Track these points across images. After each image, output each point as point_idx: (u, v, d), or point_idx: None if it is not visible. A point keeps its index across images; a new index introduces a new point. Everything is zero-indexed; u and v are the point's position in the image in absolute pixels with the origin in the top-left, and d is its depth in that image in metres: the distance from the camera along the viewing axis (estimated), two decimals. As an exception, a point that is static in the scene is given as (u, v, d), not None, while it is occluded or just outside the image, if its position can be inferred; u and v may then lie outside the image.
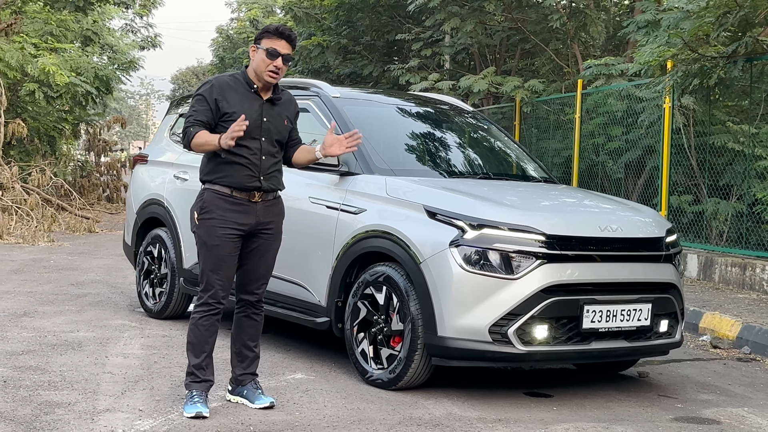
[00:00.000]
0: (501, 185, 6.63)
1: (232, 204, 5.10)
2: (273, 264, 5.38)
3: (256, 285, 5.31)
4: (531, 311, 5.44)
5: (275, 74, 5.10)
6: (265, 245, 5.25)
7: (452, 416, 5.28)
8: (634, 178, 13.74)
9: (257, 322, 5.37)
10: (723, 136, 11.58)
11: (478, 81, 16.30)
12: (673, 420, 5.48)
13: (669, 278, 6.01)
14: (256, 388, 5.29)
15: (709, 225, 11.71)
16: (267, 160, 5.13)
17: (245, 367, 5.33)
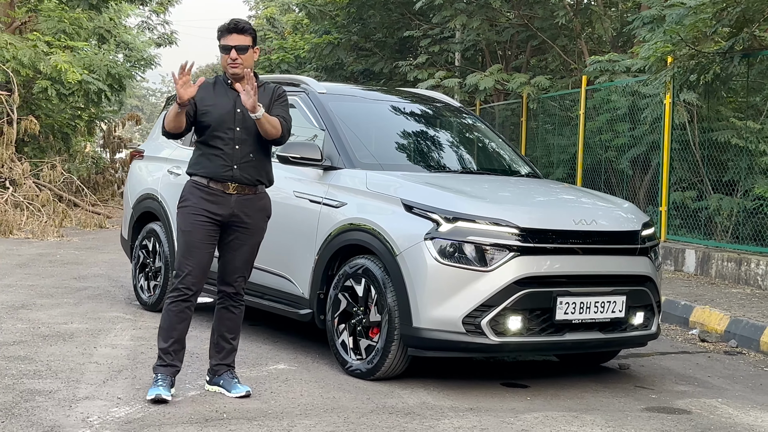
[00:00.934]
0: (481, 180, 6.74)
1: (208, 194, 5.27)
2: (251, 259, 5.46)
3: (233, 278, 5.41)
4: (504, 303, 5.55)
5: (235, 66, 5.28)
6: (241, 239, 5.35)
7: (425, 405, 5.39)
8: (641, 174, 13.78)
9: (236, 315, 5.48)
10: (726, 132, 11.61)
11: (484, 78, 16.37)
12: (644, 410, 5.57)
13: (644, 271, 6.09)
14: (233, 378, 5.40)
15: (713, 221, 11.75)
16: (241, 149, 5.25)
17: (221, 358, 5.45)
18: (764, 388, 6.39)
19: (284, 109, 5.43)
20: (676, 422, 5.31)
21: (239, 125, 5.30)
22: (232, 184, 5.28)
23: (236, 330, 5.52)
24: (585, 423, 5.19)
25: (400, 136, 7.11)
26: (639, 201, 13.67)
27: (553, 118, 16.65)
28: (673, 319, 8.87)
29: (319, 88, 7.02)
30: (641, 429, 5.13)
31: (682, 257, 11.33)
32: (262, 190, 5.45)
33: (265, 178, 5.45)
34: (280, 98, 5.45)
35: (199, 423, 4.79)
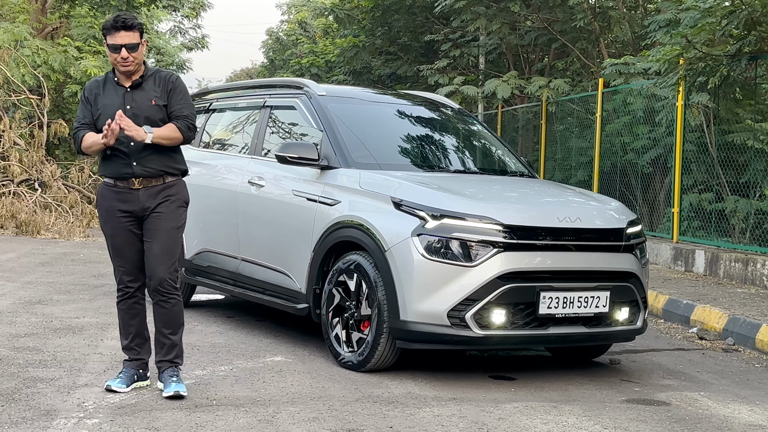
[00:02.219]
0: (472, 179, 6.94)
1: (116, 194, 5.30)
2: (168, 245, 5.33)
3: (153, 268, 5.31)
4: (488, 297, 5.75)
5: (126, 65, 5.21)
6: (154, 224, 5.30)
7: (410, 395, 5.60)
8: (661, 176, 13.87)
9: (167, 310, 5.37)
10: (743, 135, 11.68)
11: (501, 85, 16.54)
12: (624, 401, 5.74)
13: (629, 267, 6.26)
14: (171, 375, 5.31)
15: (729, 223, 11.84)
16: (137, 145, 5.19)
17: (163, 355, 5.40)
18: (750, 383, 6.53)
19: (183, 101, 5.33)
20: (653, 413, 5.48)
21: (134, 121, 5.16)
22: (136, 180, 5.26)
23: (172, 325, 5.41)
24: (563, 412, 5.37)
25: (396, 136, 7.33)
26: (659, 203, 13.77)
27: (574, 120, 16.79)
28: (675, 318, 9.00)
29: (319, 91, 7.26)
30: (617, 419, 5.30)
31: (692, 258, 11.44)
32: (172, 179, 5.37)
33: (173, 167, 5.36)
34: (175, 89, 5.32)
35: (188, 409, 5.04)
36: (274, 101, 7.60)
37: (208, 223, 7.84)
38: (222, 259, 7.63)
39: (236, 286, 7.48)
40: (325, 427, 4.81)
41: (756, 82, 11.71)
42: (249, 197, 7.29)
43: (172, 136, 5.26)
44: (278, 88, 7.71)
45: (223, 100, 8.43)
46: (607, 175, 15.02)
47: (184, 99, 5.34)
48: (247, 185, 7.33)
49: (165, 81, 5.34)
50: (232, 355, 6.49)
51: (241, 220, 7.38)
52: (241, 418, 4.91)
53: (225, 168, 7.80)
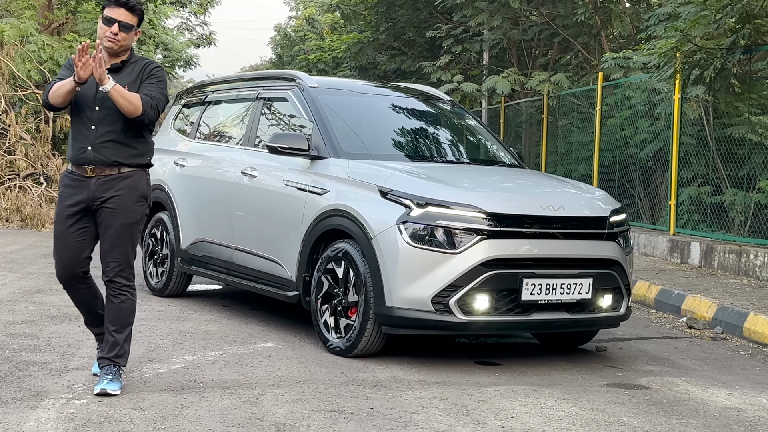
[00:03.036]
0: (459, 169, 7.07)
1: (72, 180, 5.10)
2: (121, 243, 5.11)
3: (105, 263, 5.14)
4: (471, 283, 5.87)
5: (113, 41, 5.03)
6: (107, 220, 5.07)
7: (394, 379, 5.72)
8: (662, 170, 13.93)
9: (114, 305, 5.16)
10: (741, 128, 11.75)
11: (501, 81, 16.64)
12: (605, 385, 5.85)
13: (611, 255, 6.37)
14: (107, 374, 5.06)
15: (728, 215, 11.91)
16: (99, 129, 4.99)
17: (106, 351, 5.15)
18: (733, 369, 6.63)
19: (155, 86, 5.12)
20: (631, 396, 5.59)
21: (99, 104, 4.99)
22: (89, 167, 5.03)
23: (118, 322, 5.16)
24: (542, 396, 5.49)
25: (386, 127, 7.45)
26: (660, 197, 13.85)
27: (575, 115, 16.88)
28: (667, 308, 9.11)
29: (311, 82, 7.38)
30: (595, 401, 5.41)
31: (688, 250, 11.53)
32: (128, 170, 5.11)
33: (130, 159, 5.11)
34: (151, 75, 5.14)
35: (175, 391, 5.17)
36: (267, 93, 7.74)
37: (203, 214, 7.98)
38: (216, 249, 7.77)
39: (230, 275, 7.61)
40: (308, 408, 4.94)
41: (751, 76, 11.79)
42: (242, 187, 7.43)
43: (132, 100, 4.93)
44: (271, 80, 7.84)
45: (218, 93, 8.57)
46: (608, 169, 15.11)
47: (157, 84, 5.13)
48: (241, 176, 7.46)
49: (143, 69, 5.15)
50: (224, 341, 6.62)
51: (234, 210, 7.52)
52: (226, 399, 5.04)
53: (219, 159, 7.93)
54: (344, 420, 4.75)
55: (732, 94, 12.05)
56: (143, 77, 5.12)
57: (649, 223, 13.78)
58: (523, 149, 19.41)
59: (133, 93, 4.98)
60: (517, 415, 5.02)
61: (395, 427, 4.68)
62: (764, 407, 5.49)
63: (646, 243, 12.65)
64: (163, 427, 4.48)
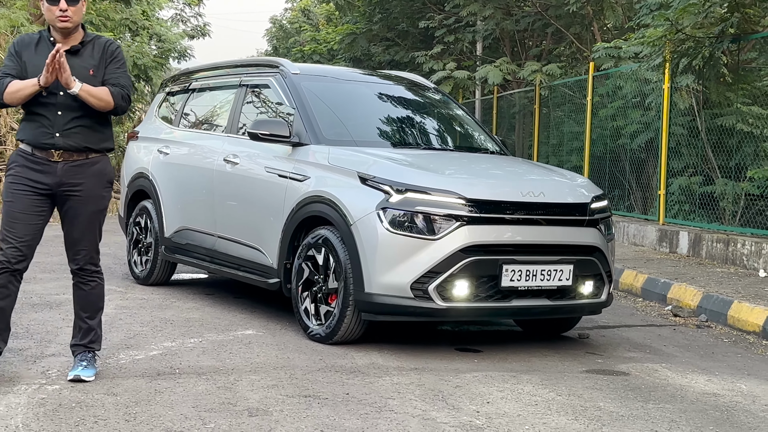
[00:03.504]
0: (441, 155, 7.05)
1: (33, 162, 4.90)
2: (92, 230, 5.03)
3: (74, 251, 5.05)
4: (450, 270, 5.84)
5: (65, 19, 4.82)
6: (75, 209, 4.96)
7: (373, 365, 5.70)
8: (654, 160, 13.90)
9: (85, 292, 5.10)
10: (731, 118, 11.71)
11: (493, 70, 16.61)
12: (584, 372, 5.84)
13: (592, 241, 6.35)
14: (81, 360, 5.04)
15: (719, 205, 11.89)
16: (66, 115, 4.86)
17: (79, 339, 5.11)
18: (714, 356, 6.62)
19: (120, 70, 4.98)
20: (609, 382, 5.58)
21: (62, 89, 4.83)
22: (56, 152, 4.88)
23: (90, 308, 5.13)
24: (520, 381, 5.47)
25: (369, 114, 7.42)
26: (652, 187, 13.81)
27: (567, 105, 16.84)
28: (653, 297, 9.10)
29: (293, 69, 7.35)
30: (572, 387, 5.40)
31: (677, 239, 11.52)
32: (95, 156, 4.99)
33: (99, 144, 4.99)
34: (114, 58, 4.98)
35: (150, 377, 5.15)
36: (249, 80, 7.71)
37: (186, 202, 7.96)
38: (199, 237, 7.74)
39: (213, 263, 7.59)
40: (282, 393, 4.92)
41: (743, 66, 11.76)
42: (224, 175, 7.40)
43: (102, 97, 4.85)
44: (254, 67, 7.81)
45: (202, 80, 8.54)
46: (600, 160, 15.08)
47: (122, 69, 4.99)
48: (223, 163, 7.44)
49: (104, 50, 4.98)
50: (204, 328, 6.60)
51: (217, 198, 7.49)
52: (201, 385, 5.02)
53: (203, 147, 7.90)
54: (318, 405, 4.74)
55: (723, 84, 12.02)
56: (107, 60, 4.97)
57: (641, 213, 13.76)
58: (516, 140, 19.39)
59: (101, 88, 4.88)
60: (492, 401, 5.00)
61: (369, 412, 4.67)
62: (742, 393, 5.48)
63: (635, 233, 12.63)
64: (134, 412, 4.46)
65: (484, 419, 4.64)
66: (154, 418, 4.37)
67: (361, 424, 4.45)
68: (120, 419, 4.33)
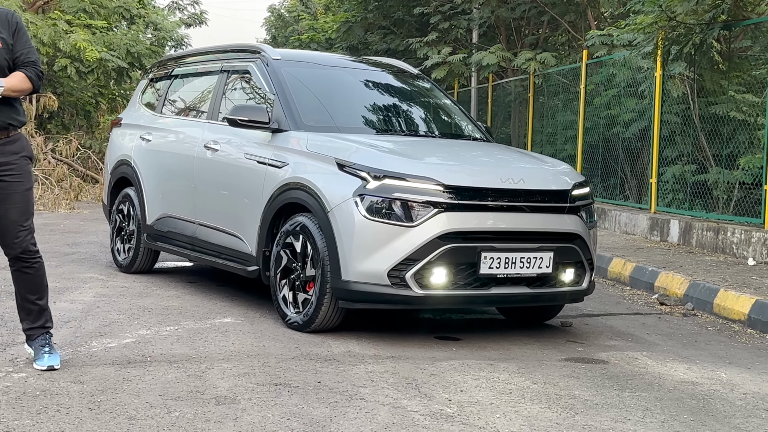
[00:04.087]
0: (423, 142, 6.97)
1: None
2: (25, 209, 4.90)
3: (13, 234, 4.87)
4: (428, 257, 5.77)
5: None
6: (8, 188, 4.83)
7: (349, 353, 5.64)
8: (649, 148, 13.80)
9: (31, 275, 4.96)
10: (725, 106, 11.61)
11: (488, 55, 16.51)
12: (562, 360, 5.77)
13: (573, 229, 6.27)
14: (43, 346, 4.97)
15: (712, 194, 11.81)
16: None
17: (32, 321, 5.02)
18: (697, 345, 6.55)
19: (27, 45, 4.85)
20: (587, 370, 5.51)
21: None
22: None
23: (39, 290, 5.02)
24: (497, 369, 5.41)
25: (350, 100, 7.35)
26: (646, 176, 13.71)
27: (562, 94, 16.74)
28: (640, 285, 9.03)
29: (274, 54, 7.28)
30: (549, 375, 5.34)
31: (667, 227, 11.45)
32: (15, 132, 4.90)
33: (17, 119, 4.87)
34: (18, 31, 4.84)
35: (120, 365, 5.09)
36: (230, 66, 7.64)
37: (168, 189, 7.89)
38: (181, 224, 7.68)
39: (194, 251, 7.53)
40: (253, 382, 4.86)
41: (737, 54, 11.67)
42: (204, 161, 7.33)
43: (23, 87, 4.78)
44: (235, 52, 7.73)
45: (184, 66, 8.46)
46: (594, 148, 15.00)
47: (28, 43, 4.86)
48: (204, 150, 7.37)
49: (8, 21, 4.83)
50: (182, 316, 6.54)
51: (197, 185, 7.43)
52: (171, 373, 4.96)
53: (184, 133, 7.84)
54: (288, 393, 4.67)
55: (717, 71, 11.93)
56: (12, 32, 4.83)
57: (636, 202, 13.67)
58: (512, 129, 19.30)
59: (20, 79, 4.78)
60: (466, 389, 4.94)
61: (339, 400, 4.60)
62: (721, 381, 5.42)
63: (627, 221, 12.56)
64: (99, 400, 4.39)
65: (456, 407, 4.58)
66: (119, 406, 4.31)
67: (329, 412, 4.39)
68: (83, 407, 4.26)
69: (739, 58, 11.96)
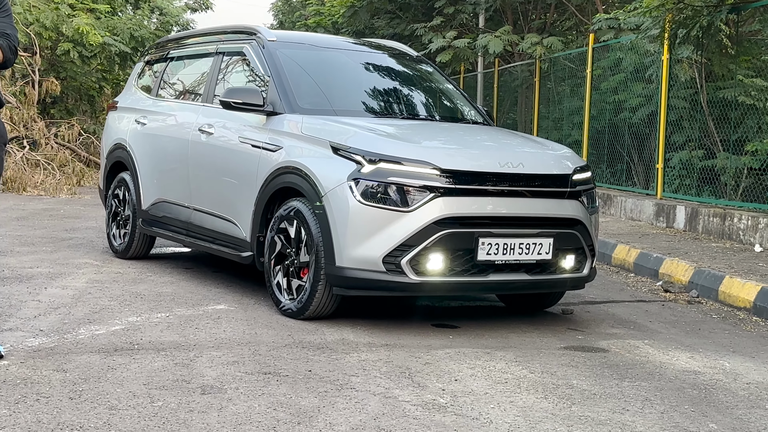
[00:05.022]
0: (421, 125, 6.81)
1: None
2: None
3: None
4: (424, 243, 5.63)
5: None
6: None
7: (343, 341, 5.51)
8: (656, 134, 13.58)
9: None
10: (733, 90, 11.41)
11: (493, 40, 16.30)
12: (562, 348, 5.63)
13: (574, 214, 6.12)
14: None
15: (719, 179, 11.63)
16: None
17: None
18: (701, 333, 6.40)
19: (7, 19, 4.68)
20: (587, 359, 5.37)
21: None
22: None
23: None
24: (494, 358, 5.27)
25: (347, 83, 7.19)
26: (654, 162, 13.50)
27: (569, 79, 16.53)
28: (645, 272, 8.88)
29: (270, 36, 7.12)
30: (547, 364, 5.19)
31: (673, 213, 11.28)
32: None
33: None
34: (2, 6, 4.68)
35: (107, 352, 4.96)
36: (225, 47, 7.49)
37: (163, 173, 7.76)
38: (176, 209, 7.55)
39: (188, 236, 7.40)
40: (241, 371, 4.73)
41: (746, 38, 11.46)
42: (199, 145, 7.20)
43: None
44: (230, 34, 7.57)
45: (180, 49, 8.32)
46: (600, 134, 14.80)
47: (9, 18, 4.67)
48: (198, 133, 7.23)
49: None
50: (175, 303, 6.42)
51: (192, 169, 7.29)
52: (158, 361, 4.83)
53: (179, 117, 7.70)
54: (276, 382, 4.54)
55: (725, 56, 11.72)
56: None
57: (643, 188, 13.48)
58: (519, 115, 19.12)
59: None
60: (461, 378, 4.80)
61: (329, 389, 4.47)
62: (724, 371, 5.27)
63: (632, 207, 12.40)
64: (81, 389, 4.27)
65: (449, 397, 4.45)
66: (101, 395, 4.18)
67: (317, 402, 4.26)
68: (64, 397, 4.14)
69: (749, 42, 11.75)
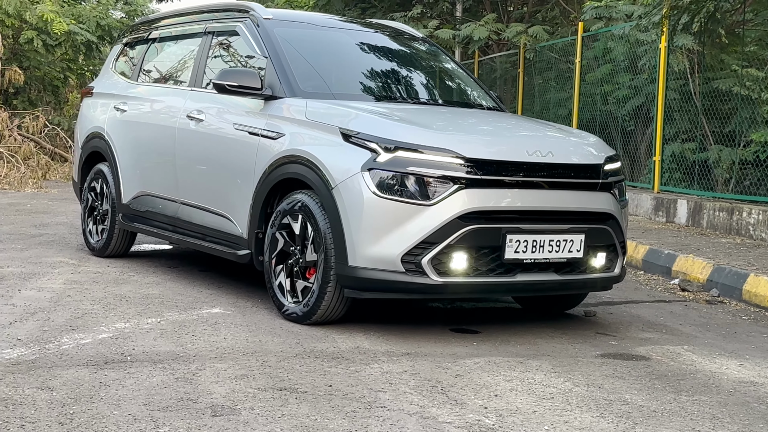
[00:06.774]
0: (433, 110, 6.26)
1: None
2: None
3: None
4: (447, 240, 5.07)
5: None
6: None
7: (358, 350, 4.94)
8: (643, 127, 13.14)
9: None
10: (727, 81, 10.99)
11: (478, 28, 15.78)
12: (599, 356, 5.10)
13: (606, 208, 5.59)
14: None
15: (712, 173, 11.20)
16: None
17: None
18: (738, 336, 5.90)
19: None
20: (631, 368, 4.84)
21: None
22: None
23: None
24: (529, 368, 4.72)
25: (351, 64, 6.62)
26: (641, 155, 13.09)
27: (553, 70, 16.04)
28: (656, 269, 8.39)
29: (266, 14, 6.52)
30: (590, 375, 4.66)
31: (674, 208, 10.82)
32: None
33: None
34: None
35: (96, 365, 4.36)
36: (216, 27, 6.87)
37: (146, 164, 7.14)
38: (161, 203, 6.93)
39: (175, 233, 6.79)
40: (253, 386, 4.15)
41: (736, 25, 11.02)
42: (187, 133, 6.58)
43: None
44: (221, 12, 6.94)
45: (163, 29, 7.68)
46: (587, 127, 14.32)
47: None
48: (186, 120, 6.62)
49: None
50: (164, 306, 5.81)
51: (179, 159, 6.67)
52: (156, 376, 4.23)
53: (164, 102, 7.08)
54: (296, 401, 3.96)
55: (718, 46, 11.27)
56: None
57: (629, 181, 13.02)
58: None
59: None
60: (501, 393, 4.25)
61: (357, 408, 3.90)
62: (784, 381, 4.77)
63: (629, 201, 11.89)
64: (71, 412, 3.66)
65: (495, 417, 3.89)
66: (95, 420, 3.58)
67: (348, 425, 3.69)
68: (53, 422, 3.53)
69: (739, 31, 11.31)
